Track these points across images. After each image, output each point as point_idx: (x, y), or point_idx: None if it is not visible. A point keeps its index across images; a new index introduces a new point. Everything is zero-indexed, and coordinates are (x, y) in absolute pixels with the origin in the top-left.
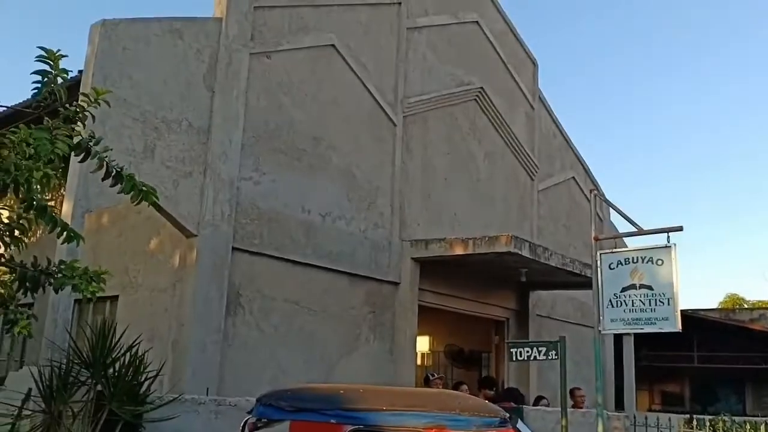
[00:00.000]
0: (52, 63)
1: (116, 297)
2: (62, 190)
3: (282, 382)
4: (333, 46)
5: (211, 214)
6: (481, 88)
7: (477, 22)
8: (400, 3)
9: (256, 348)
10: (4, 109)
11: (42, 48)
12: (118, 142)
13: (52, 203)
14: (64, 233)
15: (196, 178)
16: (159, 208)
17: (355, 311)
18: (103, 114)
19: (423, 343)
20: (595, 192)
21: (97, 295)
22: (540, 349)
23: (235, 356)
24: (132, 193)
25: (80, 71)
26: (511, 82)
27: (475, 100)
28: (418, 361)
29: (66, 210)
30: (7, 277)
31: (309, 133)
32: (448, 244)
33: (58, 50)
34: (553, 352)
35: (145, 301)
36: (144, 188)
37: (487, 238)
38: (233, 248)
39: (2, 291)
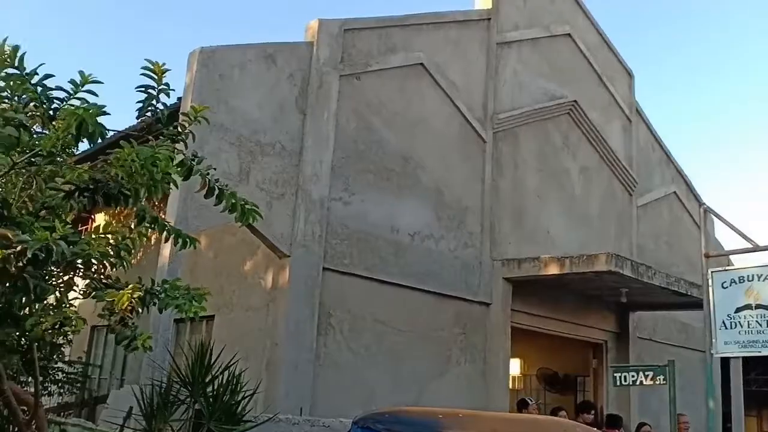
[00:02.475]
0: (156, 76)
1: (212, 317)
2: (162, 213)
3: (373, 403)
4: (421, 64)
5: (303, 235)
6: (575, 101)
7: (569, 34)
8: (489, 19)
9: (346, 368)
10: (114, 133)
11: (148, 60)
12: (215, 166)
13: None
14: (180, 240)
15: (288, 199)
16: (253, 230)
17: (446, 332)
18: (201, 139)
19: (514, 366)
20: (705, 206)
21: (199, 314)
22: (647, 373)
23: (326, 376)
24: (236, 213)
25: (179, 98)
26: (606, 94)
27: (569, 113)
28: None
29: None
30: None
31: (398, 153)
32: (543, 263)
33: (164, 63)
34: (661, 377)
35: (239, 320)
36: (247, 206)
37: (585, 257)
38: (324, 268)
39: (132, 305)
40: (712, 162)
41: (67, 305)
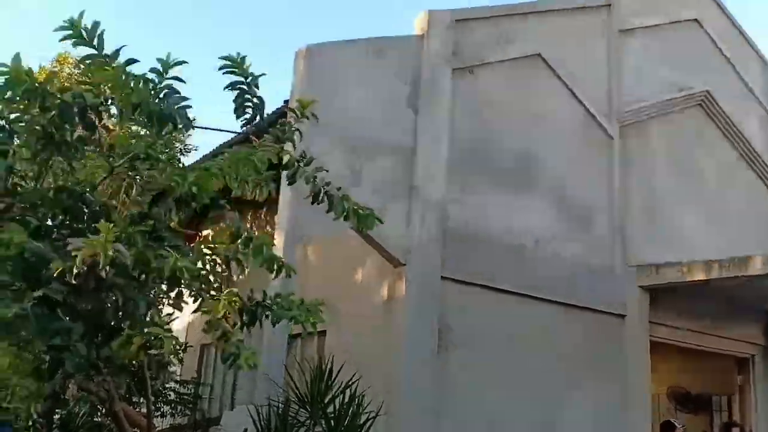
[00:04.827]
0: (237, 69)
1: (324, 332)
2: (268, 228)
3: (499, 426)
4: (539, 55)
5: (419, 241)
6: (707, 92)
7: (696, 20)
8: (609, 5)
9: (469, 387)
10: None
11: (223, 57)
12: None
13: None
14: (277, 267)
15: (402, 202)
16: (366, 236)
17: (577, 347)
18: (309, 140)
19: None
20: None
21: (316, 328)
22: None
23: (449, 395)
24: (350, 220)
25: (286, 101)
26: (739, 84)
27: (700, 105)
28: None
29: (278, 242)
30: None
31: (516, 150)
32: (686, 268)
33: (238, 53)
34: None
35: (354, 335)
36: (361, 211)
37: (736, 260)
38: (442, 277)
39: (229, 319)
40: None
41: (159, 323)
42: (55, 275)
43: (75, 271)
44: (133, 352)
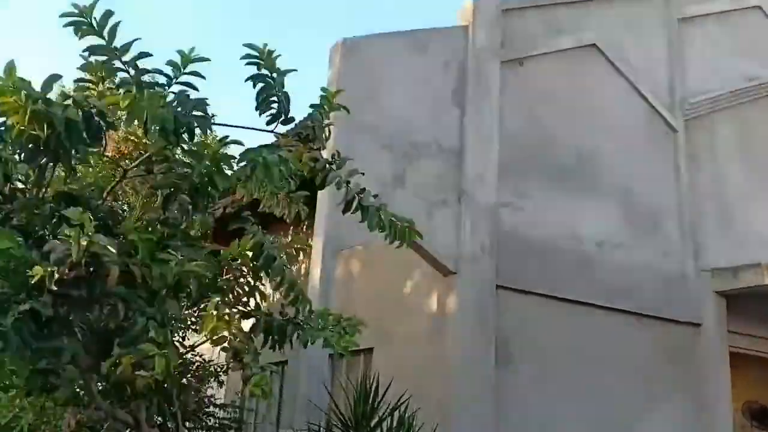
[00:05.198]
0: (263, 61)
1: (371, 349)
2: (307, 236)
3: None
4: (594, 45)
5: (471, 248)
6: None
7: (759, 6)
8: None
9: (531, 406)
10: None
11: (248, 45)
12: (366, 172)
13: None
14: (291, 294)
15: (450, 207)
16: (414, 244)
17: (648, 360)
18: (348, 141)
19: None
20: None
21: (351, 348)
22: None
23: (509, 412)
24: (386, 232)
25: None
26: None
27: None
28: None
29: (316, 249)
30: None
31: (573, 148)
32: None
33: (265, 44)
34: None
35: (402, 352)
36: (398, 223)
37: None
38: (497, 286)
39: (241, 341)
40: None
41: (155, 338)
42: (33, 282)
43: (56, 276)
44: (127, 372)
